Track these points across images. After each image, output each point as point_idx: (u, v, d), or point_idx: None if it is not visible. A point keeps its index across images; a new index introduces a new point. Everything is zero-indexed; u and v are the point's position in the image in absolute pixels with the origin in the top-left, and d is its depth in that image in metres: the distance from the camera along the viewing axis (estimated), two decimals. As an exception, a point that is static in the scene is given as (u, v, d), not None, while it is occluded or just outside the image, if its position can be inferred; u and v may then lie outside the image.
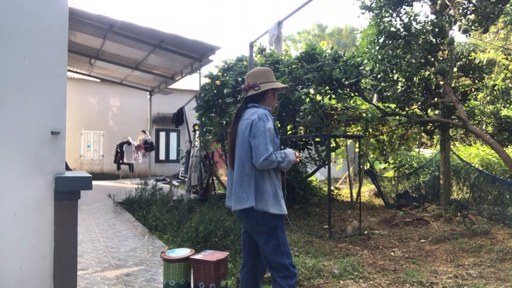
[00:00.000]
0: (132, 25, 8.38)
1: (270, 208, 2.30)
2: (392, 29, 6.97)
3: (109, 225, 6.27)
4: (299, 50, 27.66)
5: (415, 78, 7.18)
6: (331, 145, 7.95)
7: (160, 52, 9.66)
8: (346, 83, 6.71)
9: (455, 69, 7.21)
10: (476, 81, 7.39)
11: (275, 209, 2.32)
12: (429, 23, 6.97)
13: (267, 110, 2.42)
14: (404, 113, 7.28)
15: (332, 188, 9.40)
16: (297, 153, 2.51)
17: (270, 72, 2.57)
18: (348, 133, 8.72)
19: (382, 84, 7.23)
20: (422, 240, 5.39)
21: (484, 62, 7.91)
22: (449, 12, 6.87)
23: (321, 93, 7.36)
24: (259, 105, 2.48)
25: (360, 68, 6.83)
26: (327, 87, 6.97)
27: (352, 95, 7.29)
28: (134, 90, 14.78)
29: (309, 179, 9.30)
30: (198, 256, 3.24)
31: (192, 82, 15.61)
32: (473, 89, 7.63)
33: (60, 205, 2.26)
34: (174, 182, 10.81)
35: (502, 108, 10.79)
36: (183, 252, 3.34)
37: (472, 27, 6.96)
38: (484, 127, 10.20)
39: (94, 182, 2.67)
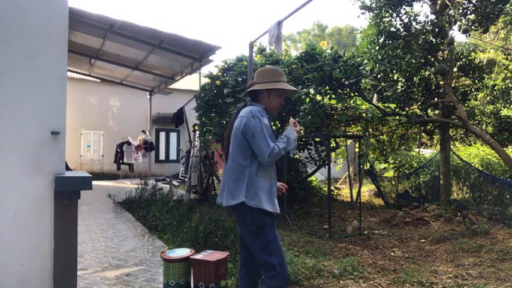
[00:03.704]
0: (132, 25, 8.37)
1: (264, 204, 2.28)
2: (392, 29, 6.97)
3: (109, 225, 6.27)
4: (299, 50, 27.68)
5: (415, 78, 7.18)
6: (331, 145, 7.95)
7: (160, 52, 9.66)
8: (346, 83, 6.71)
9: (455, 69, 7.21)
10: (476, 81, 7.39)
11: (268, 206, 2.30)
12: (429, 23, 6.97)
13: (260, 107, 2.41)
14: (404, 113, 7.28)
15: (332, 188, 9.41)
16: (295, 122, 2.49)
17: (273, 72, 2.50)
18: (348, 133, 8.72)
19: (382, 84, 7.23)
20: (422, 240, 5.39)
21: (484, 62, 7.92)
22: (449, 12, 6.88)
23: (321, 93, 7.36)
24: (255, 103, 2.47)
25: (360, 68, 6.82)
26: (327, 87, 6.97)
27: (352, 95, 7.29)
28: (134, 90, 14.77)
29: (309, 179, 9.30)
30: (198, 256, 3.24)
31: (192, 82, 15.61)
32: (473, 89, 7.63)
33: (60, 205, 2.26)
34: (174, 182, 10.81)
35: (502, 108, 10.80)
36: (183, 252, 3.34)
37: (472, 27, 6.96)
38: (484, 127, 10.20)
39: (94, 182, 2.67)
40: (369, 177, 9.87)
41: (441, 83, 7.09)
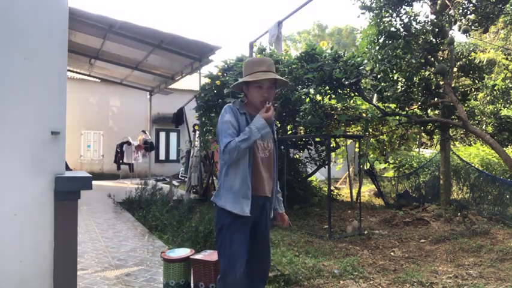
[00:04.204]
0: (132, 25, 8.38)
1: (227, 204, 2.19)
2: (392, 29, 6.97)
3: (109, 225, 6.27)
4: (299, 50, 27.67)
5: (415, 78, 7.18)
6: (331, 145, 7.95)
7: (160, 52, 9.66)
8: (346, 83, 6.71)
9: (455, 69, 7.21)
10: (476, 81, 7.39)
11: (231, 206, 2.18)
12: (429, 23, 6.97)
13: (231, 104, 2.35)
14: (404, 113, 7.28)
15: (332, 188, 9.40)
16: (268, 106, 2.21)
17: (249, 64, 2.36)
18: (348, 133, 8.72)
19: (382, 84, 7.22)
20: (422, 240, 5.39)
21: (484, 62, 7.92)
22: (449, 12, 6.87)
23: (321, 93, 7.36)
24: (243, 99, 2.44)
25: (360, 68, 6.82)
26: (327, 87, 6.97)
27: (352, 95, 7.29)
28: (134, 90, 14.78)
29: (309, 179, 9.30)
30: (198, 256, 3.24)
31: (192, 82, 15.61)
32: (473, 89, 7.64)
33: (60, 205, 2.26)
34: (174, 182, 10.81)
35: (502, 108, 10.80)
36: (183, 252, 3.33)
37: (472, 27, 6.96)
38: (484, 127, 10.21)
39: (94, 182, 2.66)
40: (369, 177, 9.87)
41: (441, 83, 7.09)
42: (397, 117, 7.63)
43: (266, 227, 2.41)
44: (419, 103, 7.34)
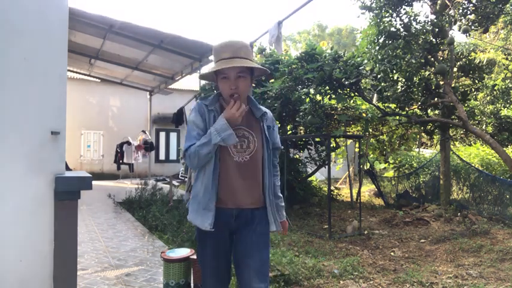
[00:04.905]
0: (132, 25, 8.37)
1: (189, 214, 1.95)
2: (392, 29, 6.97)
3: (109, 225, 6.27)
4: (299, 50, 27.66)
5: (415, 78, 7.19)
6: (331, 145, 7.95)
7: (160, 52, 9.66)
8: (346, 83, 6.71)
9: (455, 69, 7.21)
10: (476, 81, 7.40)
11: (192, 217, 1.92)
12: (429, 23, 6.97)
13: (199, 100, 2.09)
14: (404, 113, 7.28)
15: (332, 188, 9.40)
16: (234, 102, 1.83)
17: (214, 51, 1.96)
18: (348, 133, 8.72)
19: (382, 84, 7.23)
20: (422, 240, 5.40)
21: (484, 62, 7.93)
22: (449, 12, 6.88)
23: (321, 93, 7.36)
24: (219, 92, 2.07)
25: (360, 68, 6.82)
26: (327, 87, 6.97)
27: (352, 95, 7.29)
28: (134, 90, 14.77)
29: (309, 179, 9.30)
30: (198, 256, 3.24)
31: (192, 82, 15.61)
32: (473, 89, 7.65)
33: (60, 205, 2.25)
34: (174, 182, 10.80)
35: (502, 108, 10.81)
36: (183, 252, 3.33)
37: (472, 27, 6.96)
38: (484, 127, 10.21)
39: (94, 182, 2.66)
40: (369, 177, 9.87)
41: (441, 83, 7.09)
42: (397, 117, 7.63)
43: (253, 241, 1.96)
44: (419, 103, 7.35)
